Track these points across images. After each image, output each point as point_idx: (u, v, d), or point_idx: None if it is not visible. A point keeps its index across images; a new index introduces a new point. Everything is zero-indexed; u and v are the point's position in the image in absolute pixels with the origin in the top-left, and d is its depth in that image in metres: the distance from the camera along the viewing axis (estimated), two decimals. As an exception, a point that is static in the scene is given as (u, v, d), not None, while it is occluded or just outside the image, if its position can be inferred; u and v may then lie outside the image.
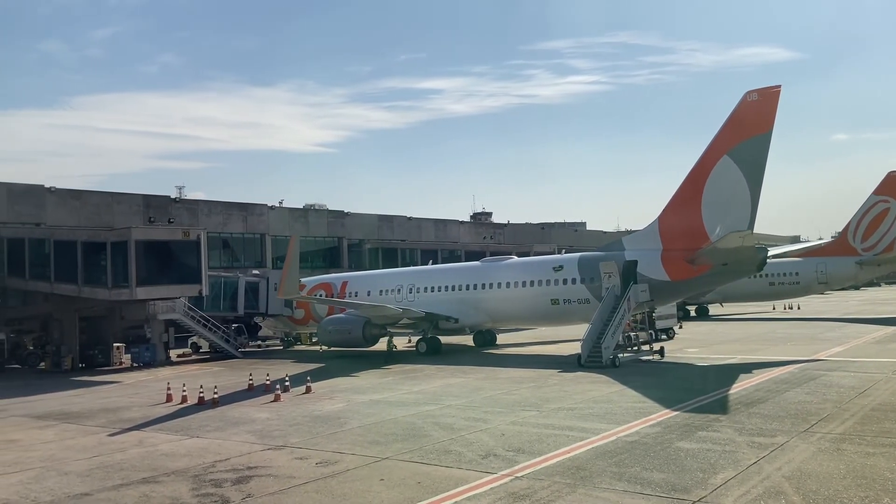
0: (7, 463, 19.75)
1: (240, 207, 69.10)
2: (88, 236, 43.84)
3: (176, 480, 16.88)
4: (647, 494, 14.14)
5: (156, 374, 40.55)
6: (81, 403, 30.87)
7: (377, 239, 78.50)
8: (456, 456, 18.00)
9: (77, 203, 58.45)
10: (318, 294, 50.95)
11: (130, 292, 40.32)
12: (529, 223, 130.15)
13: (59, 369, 45.82)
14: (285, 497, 15.11)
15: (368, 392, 29.97)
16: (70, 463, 19.36)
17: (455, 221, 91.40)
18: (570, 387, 28.98)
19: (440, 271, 50.44)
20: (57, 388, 36.44)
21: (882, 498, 13.37)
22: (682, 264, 38.51)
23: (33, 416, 27.91)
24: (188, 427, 23.87)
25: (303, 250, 73.23)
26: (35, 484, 17.19)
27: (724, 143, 37.65)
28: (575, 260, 42.87)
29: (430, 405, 25.94)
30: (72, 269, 43.31)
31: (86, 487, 16.62)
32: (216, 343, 49.42)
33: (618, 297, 37.27)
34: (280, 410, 26.33)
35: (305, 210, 75.26)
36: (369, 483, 15.89)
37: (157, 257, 41.70)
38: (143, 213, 60.97)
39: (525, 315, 44.72)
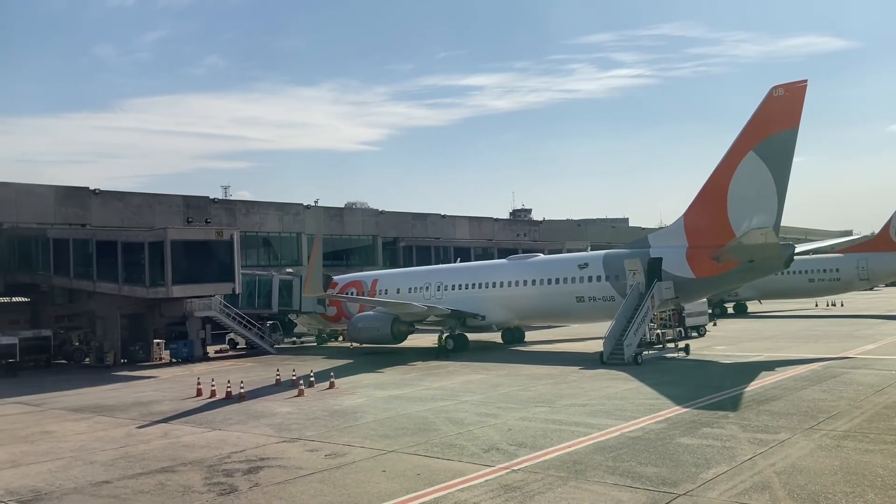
0: (40, 453, 20.94)
1: (276, 207, 70.64)
2: (127, 237, 45.56)
3: (191, 470, 17.77)
4: (636, 487, 14.48)
5: (191, 370, 41.92)
6: (117, 397, 32.24)
7: (411, 237, 79.33)
8: (459, 449, 18.54)
9: (120, 204, 60.55)
10: (350, 292, 51.94)
11: (167, 290, 41.86)
12: (566, 220, 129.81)
13: (102, 364, 47.68)
14: (290, 486, 15.84)
15: (389, 388, 30.70)
16: (97, 453, 20.46)
17: (490, 219, 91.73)
18: (587, 384, 29.25)
19: (467, 269, 50.95)
20: (97, 383, 38.01)
21: (867, 493, 13.48)
22: (707, 261, 38.32)
23: (71, 409, 29.29)
24: (212, 420, 24.88)
25: (338, 248, 74.94)
26: (62, 472, 18.26)
27: (750, 138, 37.37)
28: (600, 257, 42.96)
29: (446, 401, 26.52)
30: (112, 269, 45.14)
31: (107, 476, 17.62)
32: (251, 339, 50.80)
33: (642, 294, 37.31)
34: (301, 405, 27.20)
35: (340, 209, 76.53)
36: (371, 474, 16.53)
37: (192, 256, 43.17)
38: (183, 214, 62.83)
39: (551, 312, 44.96)
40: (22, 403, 31.68)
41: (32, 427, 25.48)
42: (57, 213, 57.04)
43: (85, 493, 16.21)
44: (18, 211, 55.50)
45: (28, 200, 56.05)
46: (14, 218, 55.05)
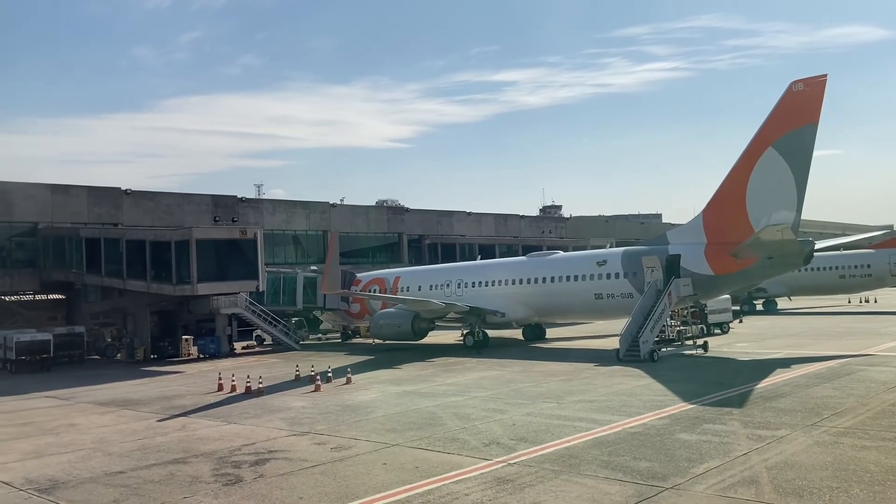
0: (63, 444, 21.87)
1: (303, 205, 71.66)
2: (155, 236, 46.76)
3: (202, 461, 18.47)
4: (625, 481, 14.76)
5: (217, 365, 42.91)
6: (143, 391, 33.28)
7: (437, 234, 79.80)
8: (461, 444, 18.96)
9: (151, 204, 62.00)
10: (373, 289, 52.62)
11: (192, 288, 42.93)
12: (593, 216, 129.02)
13: (133, 360, 49.08)
14: (292, 477, 16.41)
15: (404, 383, 31.22)
16: (116, 445, 21.30)
17: (516, 216, 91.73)
18: (599, 380, 29.44)
19: (487, 266, 51.27)
20: (125, 378, 39.22)
21: (853, 488, 13.60)
22: (726, 258, 38.16)
23: (98, 403, 30.35)
24: (229, 414, 25.64)
25: (363, 246, 75.74)
26: (80, 463, 19.10)
27: (769, 134, 37.12)
28: (618, 254, 43.02)
29: (456, 396, 26.95)
30: (141, 267, 46.41)
31: (122, 466, 18.40)
32: (276, 336, 51.82)
33: (660, 291, 37.33)
34: (316, 400, 27.85)
35: (366, 207, 77.30)
36: (371, 467, 17.04)
37: (217, 255, 44.17)
38: (212, 213, 64.04)
39: (569, 309, 45.10)
40: (53, 397, 32.88)
41: (59, 420, 26.52)
42: (90, 213, 58.60)
43: (99, 482, 16.97)
44: (53, 211, 57.15)
45: (62, 201, 57.70)
46: (49, 218, 56.73)
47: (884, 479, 14.04)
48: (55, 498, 15.73)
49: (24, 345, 45.45)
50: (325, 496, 14.77)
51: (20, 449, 21.35)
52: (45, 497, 15.85)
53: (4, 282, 55.97)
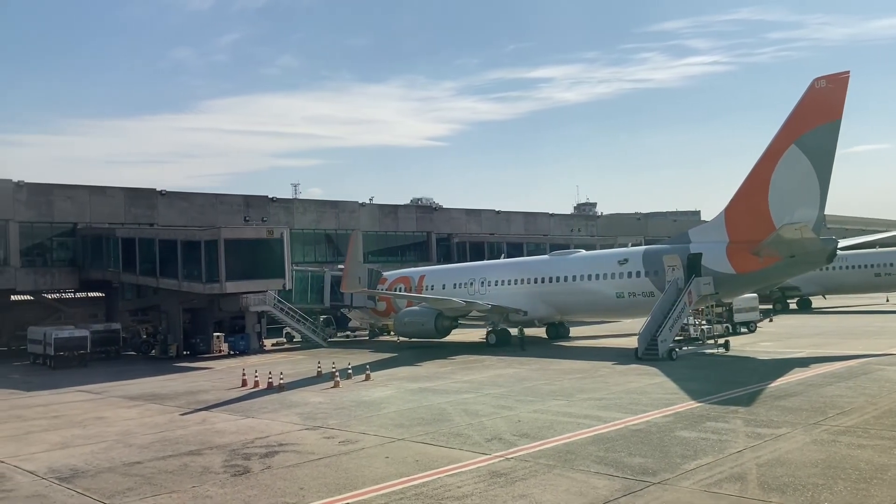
0: (89, 435, 22.92)
1: (332, 205, 72.78)
2: (186, 236, 48.14)
3: (215, 453, 19.27)
4: (614, 476, 15.11)
5: (245, 362, 44.01)
6: (171, 387, 34.41)
7: (465, 233, 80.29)
8: (464, 439, 19.45)
9: (185, 204, 63.65)
10: (398, 287, 53.34)
11: (221, 286, 44.17)
12: (625, 214, 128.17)
13: (166, 356, 50.51)
14: (297, 469, 17.09)
15: (422, 380, 31.80)
16: (138, 437, 22.27)
17: (545, 214, 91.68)
18: (613, 378, 29.66)
19: (510, 265, 51.59)
20: (157, 373, 40.48)
21: (837, 485, 13.78)
22: (747, 257, 37.95)
23: (127, 397, 31.52)
24: (248, 409, 26.51)
25: (392, 245, 76.60)
26: (102, 453, 20.06)
27: (791, 131, 36.84)
28: (640, 253, 43.04)
29: (469, 393, 27.44)
30: (173, 266, 47.84)
31: (140, 457, 19.30)
32: (303, 333, 52.87)
33: (680, 290, 37.28)
34: (334, 395, 28.60)
35: (395, 206, 78.04)
36: (374, 460, 17.65)
37: (245, 254, 45.31)
38: (244, 213, 65.50)
39: (591, 308, 45.21)
40: (86, 392, 34.19)
41: (89, 413, 27.69)
42: (127, 214, 60.43)
43: (117, 472, 17.86)
44: (92, 212, 59.08)
45: (100, 202, 59.63)
46: (88, 218, 58.68)
47: (871, 477, 14.17)
48: (73, 486, 16.63)
49: (62, 341, 47.11)
50: (324, 487, 15.40)
51: (49, 440, 22.44)
52: (65, 485, 16.77)
53: (46, 280, 58.11)
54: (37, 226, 57.22)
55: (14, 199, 55.74)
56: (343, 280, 42.58)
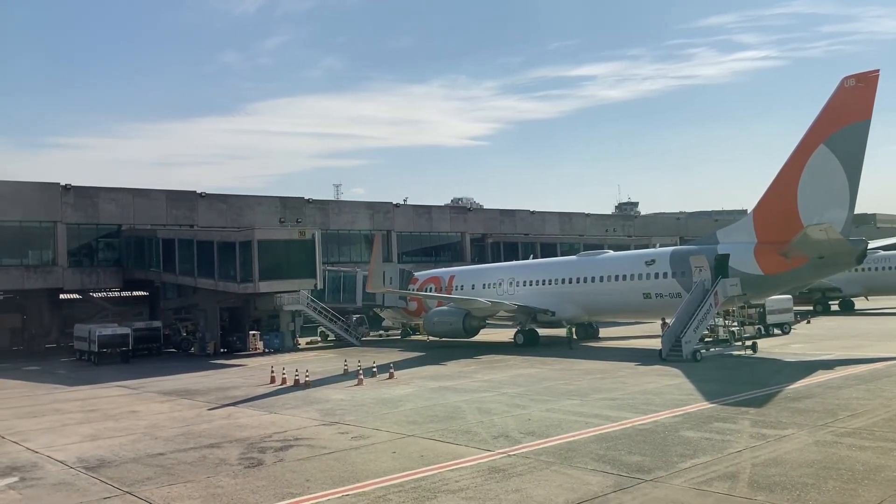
0: (119, 428, 24.06)
1: (367, 206, 73.91)
2: (222, 237, 49.62)
3: (234, 446, 20.13)
4: (609, 473, 15.46)
5: (277, 359, 45.19)
6: (204, 383, 35.62)
7: (499, 233, 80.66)
8: (472, 436, 19.97)
9: (223, 206, 65.41)
10: (429, 287, 54.04)
11: (254, 286, 45.48)
12: (664, 213, 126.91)
13: (204, 353, 52.07)
14: (307, 462, 17.82)
15: (443, 379, 32.38)
16: (165, 430, 23.30)
17: (581, 214, 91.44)
18: (632, 379, 29.82)
19: (538, 266, 51.85)
20: (193, 370, 41.84)
21: (827, 484, 13.94)
22: (775, 258, 37.66)
23: (161, 392, 32.79)
24: (273, 405, 27.42)
25: (427, 245, 77.37)
26: (129, 445, 21.11)
27: (820, 131, 36.47)
28: (667, 254, 42.95)
29: (487, 392, 27.93)
30: (210, 266, 49.35)
31: (163, 449, 20.28)
32: (336, 332, 53.96)
33: (706, 291, 37.13)
34: (356, 393, 29.37)
35: (429, 207, 78.82)
36: (381, 455, 18.27)
37: (278, 255, 46.54)
38: (281, 214, 67.00)
39: (618, 309, 45.23)
40: (124, 387, 35.63)
41: (123, 407, 28.95)
42: (168, 215, 62.43)
43: (140, 462, 18.83)
44: (135, 214, 61.23)
45: (143, 204, 61.74)
46: (131, 220, 60.83)
47: (862, 478, 14.26)
48: (98, 475, 17.61)
49: (105, 338, 48.98)
50: (329, 479, 16.08)
51: (82, 432, 23.64)
52: (90, 474, 17.77)
53: (91, 279, 60.47)
54: (83, 227, 59.59)
55: (62, 201, 58.14)
56: (368, 281, 43.42)
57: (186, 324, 60.04)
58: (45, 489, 16.56)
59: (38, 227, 58.06)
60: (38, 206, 57.32)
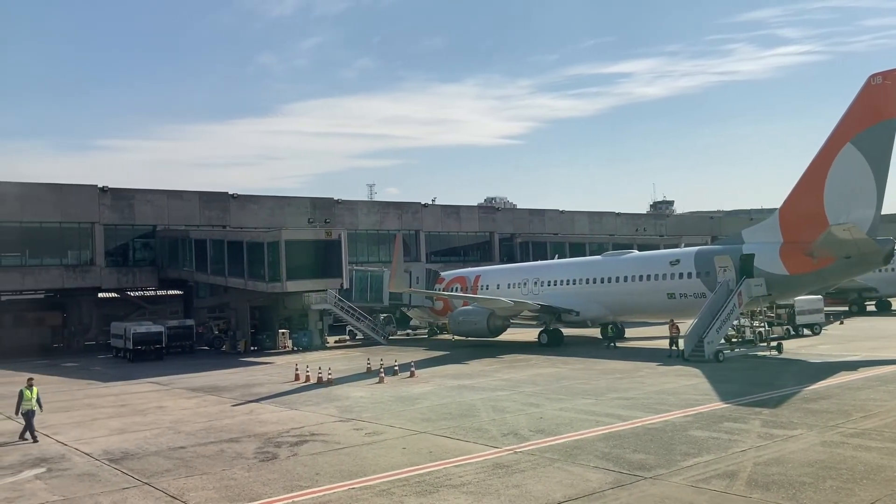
0: (146, 423, 24.93)
1: (395, 206, 74.58)
2: (251, 237, 50.63)
3: (251, 441, 20.78)
4: (610, 470, 15.71)
5: (305, 357, 46.00)
6: (231, 380, 36.51)
7: (528, 233, 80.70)
8: (482, 433, 20.33)
9: (255, 206, 66.60)
10: (454, 287, 54.44)
11: (282, 285, 46.36)
12: (702, 212, 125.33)
13: (235, 351, 53.21)
14: (319, 457, 18.35)
15: (463, 378, 32.77)
16: (189, 424, 24.09)
17: (611, 213, 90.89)
18: (651, 379, 29.87)
19: (562, 266, 51.88)
20: (222, 367, 42.85)
21: (825, 483, 14.02)
22: (801, 258, 37.25)
23: (189, 389, 33.73)
24: (294, 401, 28.09)
25: (455, 245, 77.81)
26: (153, 438, 21.91)
27: (847, 130, 36.02)
28: (692, 254, 42.72)
29: (504, 391, 28.25)
30: (240, 266, 50.41)
31: (185, 443, 21.02)
32: (363, 331, 54.70)
33: (730, 291, 36.90)
34: (375, 390, 29.92)
35: (457, 207, 79.12)
36: (391, 450, 18.74)
37: (305, 255, 47.38)
38: (311, 214, 67.99)
39: (642, 309, 45.06)
40: (155, 383, 36.70)
41: (152, 402, 29.91)
42: (201, 216, 63.80)
43: (161, 455, 19.57)
44: (169, 215, 62.71)
45: (177, 205, 63.20)
46: (166, 221, 62.33)
47: (862, 478, 14.31)
48: (121, 467, 18.39)
49: (140, 336, 50.30)
50: (337, 473, 16.59)
51: (110, 426, 24.55)
52: (113, 465, 18.56)
53: (128, 278, 62.13)
54: (120, 228, 61.24)
55: (99, 203, 59.80)
56: (390, 281, 44.00)
57: (219, 322, 61.36)
58: (69, 479, 17.36)
59: (76, 228, 59.82)
60: (77, 208, 59.05)
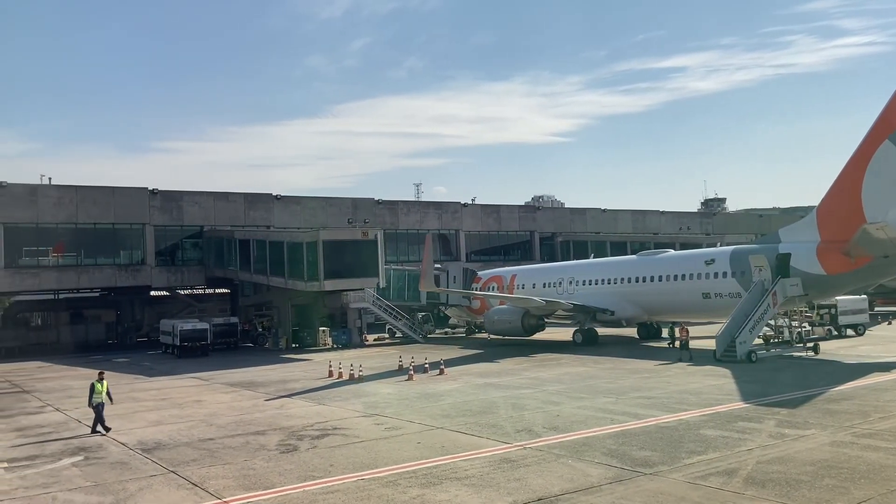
0: (182, 416, 26.09)
1: (435, 206, 75.40)
2: (291, 237, 52.03)
3: (276, 434, 21.67)
4: (612, 466, 16.06)
5: (342, 355, 46.99)
6: (268, 376, 37.69)
7: (569, 232, 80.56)
8: (496, 429, 20.81)
9: (297, 207, 68.21)
10: (491, 286, 54.88)
11: (319, 284, 47.53)
12: (755, 209, 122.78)
13: (277, 348, 54.68)
14: (337, 450, 19.10)
15: (490, 376, 33.24)
16: (221, 418, 25.15)
17: (655, 212, 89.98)
18: (677, 378, 29.88)
19: (598, 265, 51.84)
20: (263, 363, 44.15)
21: (822, 482, 14.15)
22: (839, 257, 36.65)
23: (228, 384, 34.96)
24: (324, 397, 28.99)
25: (495, 245, 78.18)
26: (186, 430, 23.00)
27: (885, 126, 35.33)
28: (727, 253, 42.32)
29: (528, 389, 28.63)
30: (280, 265, 51.84)
31: (214, 435, 22.03)
32: (400, 329, 55.59)
33: (765, 291, 36.51)
34: (403, 387, 30.63)
35: (497, 206, 79.45)
36: (406, 444, 19.38)
37: (342, 254, 48.46)
38: (352, 215, 69.27)
39: (677, 308, 44.73)
40: (197, 378, 38.10)
41: (191, 396, 31.18)
42: (246, 217, 65.70)
43: (191, 446, 20.59)
44: (216, 216, 64.74)
45: (223, 206, 65.21)
46: (212, 222, 64.37)
47: (860, 477, 14.38)
48: (151, 456, 19.45)
49: (186, 333, 52.08)
50: (351, 465, 17.30)
51: (148, 418, 25.79)
52: (145, 455, 19.64)
53: (176, 277, 64.42)
54: (169, 229, 63.53)
55: (149, 205, 62.11)
56: (421, 280, 44.72)
57: (263, 320, 63.11)
58: (102, 467, 18.47)
59: (128, 229, 62.29)
60: (129, 210, 61.48)
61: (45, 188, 60.16)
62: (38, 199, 57.93)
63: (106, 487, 16.40)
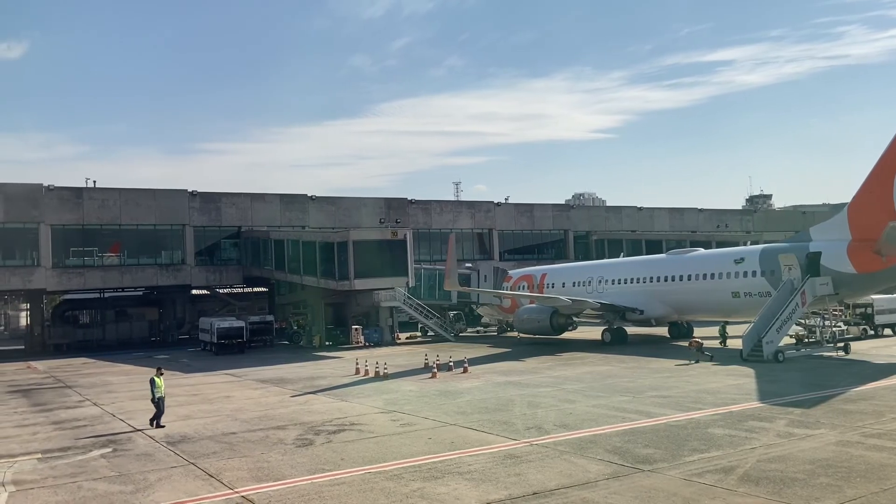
0: (210, 411, 27.06)
1: (468, 205, 75.85)
2: (323, 238, 53.09)
3: (295, 429, 22.42)
4: (612, 463, 16.37)
5: (372, 353, 47.74)
6: (298, 372, 38.62)
7: (604, 230, 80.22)
8: (507, 426, 21.22)
9: (332, 208, 69.34)
10: (521, 285, 55.12)
11: (350, 283, 48.46)
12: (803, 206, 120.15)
13: (311, 346, 55.80)
14: (350, 444, 19.74)
15: (513, 374, 33.60)
16: (246, 413, 26.03)
17: (693, 209, 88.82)
18: (698, 378, 29.85)
19: (627, 264, 51.68)
20: (294, 361, 45.15)
21: (818, 480, 14.28)
22: (870, 256, 36.06)
23: (259, 380, 35.97)
24: (347, 394, 29.72)
25: (529, 244, 78.30)
26: (211, 425, 23.91)
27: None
28: (757, 252, 41.90)
29: (548, 388, 28.93)
30: (313, 265, 52.94)
31: (237, 429, 22.88)
32: (431, 328, 56.23)
33: (794, 290, 36.12)
34: (425, 385, 31.20)
35: (531, 205, 79.46)
36: (417, 440, 19.92)
37: (372, 254, 49.32)
38: (386, 214, 70.16)
39: (707, 308, 44.41)
40: (229, 374, 39.25)
41: (221, 392, 32.23)
42: (282, 217, 67.09)
43: (214, 440, 21.45)
44: (253, 216, 66.27)
45: (260, 207, 66.71)
46: (249, 222, 65.91)
47: (857, 476, 14.47)
48: (175, 449, 20.35)
49: (223, 330, 53.54)
50: (361, 459, 17.91)
51: (178, 413, 26.73)
52: (170, 447, 20.56)
53: (215, 276, 66.15)
54: (208, 229, 65.25)
55: (189, 206, 63.89)
56: (445, 280, 45.27)
57: (298, 318, 64.41)
58: (129, 459, 19.41)
59: (169, 230, 64.16)
60: (170, 211, 63.36)
61: (90, 191, 62.35)
62: (83, 202, 60.13)
63: (128, 477, 17.28)
